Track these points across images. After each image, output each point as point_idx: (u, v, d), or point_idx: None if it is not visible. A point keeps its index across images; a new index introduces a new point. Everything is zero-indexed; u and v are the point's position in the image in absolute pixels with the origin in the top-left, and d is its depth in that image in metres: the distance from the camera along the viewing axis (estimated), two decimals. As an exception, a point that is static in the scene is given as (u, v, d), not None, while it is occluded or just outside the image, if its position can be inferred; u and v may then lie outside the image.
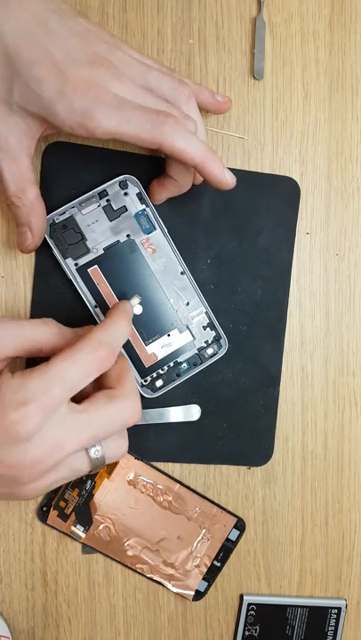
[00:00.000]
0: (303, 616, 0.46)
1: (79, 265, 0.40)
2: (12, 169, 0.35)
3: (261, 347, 0.44)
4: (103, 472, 0.43)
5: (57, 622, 0.44)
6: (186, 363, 0.42)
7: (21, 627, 0.44)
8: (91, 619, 0.45)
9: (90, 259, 0.40)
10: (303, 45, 0.44)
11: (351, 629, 0.47)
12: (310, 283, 0.45)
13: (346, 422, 0.46)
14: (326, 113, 0.44)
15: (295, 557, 0.46)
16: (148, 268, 0.41)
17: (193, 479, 0.45)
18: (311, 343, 0.45)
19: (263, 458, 0.45)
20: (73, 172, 0.41)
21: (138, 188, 0.40)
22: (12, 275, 0.42)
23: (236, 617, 0.46)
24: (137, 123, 0.33)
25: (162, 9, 0.42)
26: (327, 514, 0.46)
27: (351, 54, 0.44)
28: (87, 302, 0.41)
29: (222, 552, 0.45)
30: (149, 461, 0.44)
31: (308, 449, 0.46)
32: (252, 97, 0.43)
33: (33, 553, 0.44)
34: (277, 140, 0.44)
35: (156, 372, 0.42)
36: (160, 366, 0.42)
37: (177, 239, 0.42)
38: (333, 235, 0.45)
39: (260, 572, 0.46)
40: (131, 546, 0.44)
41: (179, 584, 0.45)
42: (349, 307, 0.45)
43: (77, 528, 0.43)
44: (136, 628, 0.45)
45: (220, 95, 0.40)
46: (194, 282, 0.42)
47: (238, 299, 0.44)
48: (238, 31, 0.43)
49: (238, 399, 0.44)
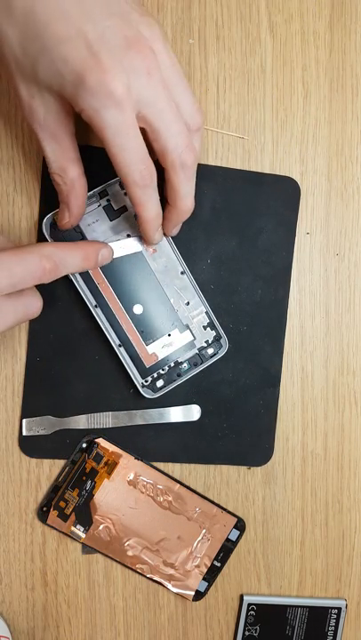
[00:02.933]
0: (303, 616, 0.46)
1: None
2: (52, 147, 0.34)
3: (261, 347, 0.44)
4: (103, 472, 0.43)
5: (57, 622, 0.44)
6: (186, 363, 0.42)
7: (21, 627, 0.44)
8: (91, 619, 0.45)
9: None
10: (303, 45, 0.44)
11: (351, 629, 0.47)
12: (310, 283, 0.45)
13: (346, 422, 0.46)
14: (326, 113, 0.44)
15: (295, 557, 0.46)
16: (149, 268, 0.41)
17: (193, 479, 0.45)
18: (311, 343, 0.45)
19: (263, 458, 0.45)
20: (73, 172, 0.41)
21: None
22: (12, 275, 0.42)
23: (236, 617, 0.46)
24: (129, 155, 0.32)
25: (162, 9, 0.42)
26: (327, 514, 0.46)
27: (351, 54, 0.44)
28: (87, 302, 0.41)
29: (222, 552, 0.45)
30: (149, 461, 0.44)
31: (308, 449, 0.46)
32: (252, 97, 0.43)
33: (33, 553, 0.44)
34: (277, 139, 0.44)
35: (157, 372, 0.42)
36: (161, 366, 0.42)
37: (177, 239, 0.42)
38: (333, 235, 0.45)
39: (260, 572, 0.46)
40: (131, 546, 0.44)
41: (179, 584, 0.45)
42: (349, 307, 0.45)
43: (77, 528, 0.43)
44: (136, 628, 0.45)
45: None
46: (194, 281, 0.42)
47: (238, 299, 0.44)
48: (238, 31, 0.43)
49: (238, 399, 0.44)
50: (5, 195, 0.41)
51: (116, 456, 0.43)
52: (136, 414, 0.43)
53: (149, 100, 0.32)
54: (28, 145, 0.41)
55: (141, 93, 0.31)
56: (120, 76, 0.30)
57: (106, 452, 0.43)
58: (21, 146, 0.41)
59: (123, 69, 0.30)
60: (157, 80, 0.32)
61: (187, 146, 0.34)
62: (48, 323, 0.42)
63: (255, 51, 0.43)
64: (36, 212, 0.41)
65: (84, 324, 0.42)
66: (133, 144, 0.32)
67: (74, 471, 0.43)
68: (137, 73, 0.31)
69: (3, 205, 0.41)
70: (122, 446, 0.43)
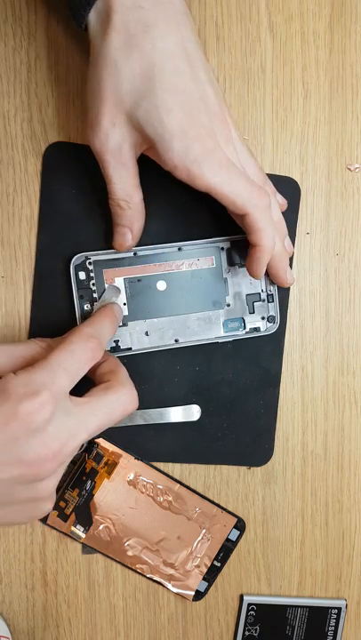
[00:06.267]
0: (303, 616, 0.46)
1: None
2: (121, 174, 0.36)
3: (261, 347, 0.44)
4: (103, 472, 0.43)
5: (57, 622, 0.44)
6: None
7: (21, 627, 0.44)
8: (91, 619, 0.45)
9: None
10: (303, 45, 0.44)
11: (351, 629, 0.47)
12: (310, 283, 0.45)
13: (346, 422, 0.46)
14: (326, 113, 0.44)
15: (295, 557, 0.46)
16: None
17: (193, 479, 0.45)
18: (311, 343, 0.45)
19: (263, 458, 0.45)
20: (73, 172, 0.41)
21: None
22: (11, 275, 0.42)
23: (236, 617, 0.46)
24: (237, 188, 0.35)
25: (162, 9, 0.42)
26: (327, 514, 0.46)
27: (351, 54, 0.44)
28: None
29: (222, 552, 0.45)
30: (149, 461, 0.44)
31: (308, 449, 0.46)
32: (252, 97, 0.43)
33: (33, 553, 0.44)
34: (277, 139, 0.44)
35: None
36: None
37: (177, 239, 0.42)
38: (333, 235, 0.45)
39: (260, 572, 0.46)
40: (131, 546, 0.44)
41: (179, 584, 0.45)
42: (349, 307, 0.45)
43: (77, 528, 0.43)
44: (136, 627, 0.45)
45: (280, 196, 0.41)
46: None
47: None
48: (238, 31, 0.43)
49: (238, 399, 0.44)
50: (5, 195, 0.41)
51: (116, 456, 0.43)
52: (136, 414, 0.43)
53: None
54: (28, 145, 0.41)
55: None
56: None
57: (106, 452, 0.43)
58: (21, 146, 0.41)
59: (213, 133, 0.35)
60: (233, 149, 0.36)
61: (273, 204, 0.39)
62: (48, 324, 0.42)
63: (255, 51, 0.43)
64: (36, 212, 0.42)
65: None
66: (235, 175, 0.35)
67: (74, 471, 0.43)
68: (223, 140, 0.35)
69: (3, 205, 0.41)
70: (122, 446, 0.43)
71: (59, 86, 0.41)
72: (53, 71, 0.41)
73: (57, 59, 0.41)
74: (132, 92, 0.33)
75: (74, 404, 0.33)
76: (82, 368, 0.33)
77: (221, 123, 0.35)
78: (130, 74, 0.33)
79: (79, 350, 0.33)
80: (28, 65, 0.41)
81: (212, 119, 0.34)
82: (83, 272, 0.40)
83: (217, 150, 0.34)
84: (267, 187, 0.39)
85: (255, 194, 0.35)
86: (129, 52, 0.33)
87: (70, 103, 0.41)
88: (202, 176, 0.34)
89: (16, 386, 0.30)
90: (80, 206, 0.41)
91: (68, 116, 0.41)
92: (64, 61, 0.41)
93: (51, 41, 0.41)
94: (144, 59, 0.33)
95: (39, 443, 0.30)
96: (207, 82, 0.35)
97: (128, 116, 0.34)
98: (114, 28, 0.33)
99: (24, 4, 0.41)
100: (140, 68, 0.33)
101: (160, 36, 0.33)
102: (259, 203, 0.36)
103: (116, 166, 0.36)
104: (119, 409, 0.34)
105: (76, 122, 0.41)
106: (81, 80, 0.41)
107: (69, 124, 0.41)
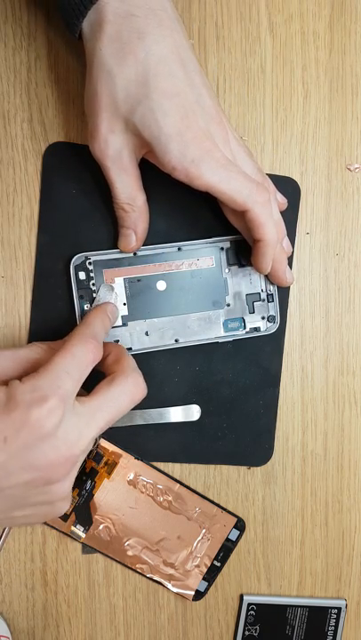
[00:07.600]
0: (303, 616, 0.46)
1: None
2: (122, 179, 0.37)
3: (261, 347, 0.44)
4: (103, 472, 0.43)
5: (57, 622, 0.44)
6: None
7: (21, 627, 0.44)
8: (91, 619, 0.45)
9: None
10: (303, 45, 0.44)
11: (351, 629, 0.47)
12: (310, 283, 0.45)
13: (346, 422, 0.46)
14: (326, 113, 0.44)
15: (295, 557, 0.46)
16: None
17: (193, 479, 0.45)
18: (311, 343, 0.45)
19: (263, 458, 0.45)
20: (73, 172, 0.41)
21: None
22: (11, 275, 0.42)
23: (236, 617, 0.46)
24: (236, 185, 0.35)
25: (162, 9, 0.42)
26: (327, 514, 0.46)
27: (351, 54, 0.44)
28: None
29: (222, 552, 0.45)
30: (149, 461, 0.44)
31: (308, 449, 0.46)
32: (252, 97, 0.43)
33: (33, 553, 0.44)
34: (277, 139, 0.44)
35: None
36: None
37: (177, 239, 0.42)
38: (333, 235, 0.45)
39: (260, 572, 0.46)
40: (131, 546, 0.44)
41: (179, 584, 0.45)
42: (349, 307, 0.45)
43: (77, 528, 0.43)
44: (136, 628, 0.45)
45: (280, 195, 0.42)
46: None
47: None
48: (238, 31, 0.43)
49: (238, 399, 0.44)
50: (5, 195, 0.41)
51: (116, 456, 0.43)
52: (136, 414, 0.43)
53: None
54: (28, 145, 0.41)
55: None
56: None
57: (106, 452, 0.43)
58: (21, 146, 0.41)
59: (210, 134, 0.35)
60: (229, 149, 0.36)
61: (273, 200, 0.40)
62: (48, 324, 0.42)
63: (255, 51, 0.43)
64: (36, 212, 0.42)
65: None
66: (234, 173, 0.35)
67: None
68: (220, 140, 0.36)
69: (3, 205, 0.41)
70: (122, 446, 0.43)
71: (59, 86, 0.41)
72: (53, 71, 0.41)
73: (57, 59, 0.41)
74: (128, 98, 0.34)
75: (81, 404, 0.33)
76: (85, 370, 0.33)
77: (218, 125, 0.36)
78: (125, 80, 0.33)
79: (80, 353, 0.33)
80: (28, 65, 0.41)
81: (208, 121, 0.35)
82: (83, 272, 0.40)
83: (214, 150, 0.35)
84: (266, 185, 0.39)
85: (255, 190, 0.36)
86: (123, 60, 0.33)
87: (70, 103, 0.41)
88: (201, 176, 0.34)
89: (23, 393, 0.31)
90: (80, 206, 0.41)
91: (68, 116, 0.41)
92: (64, 61, 0.41)
93: (51, 41, 0.41)
94: (138, 65, 0.33)
95: (50, 447, 0.31)
96: (202, 85, 0.35)
97: (125, 121, 0.34)
98: (107, 36, 0.33)
99: (24, 4, 0.41)
100: (134, 75, 0.33)
101: (154, 43, 0.33)
102: (259, 198, 0.36)
103: (117, 171, 0.37)
104: (126, 400, 0.34)
105: (76, 122, 0.41)
106: (81, 80, 0.41)
107: (69, 124, 0.41)
